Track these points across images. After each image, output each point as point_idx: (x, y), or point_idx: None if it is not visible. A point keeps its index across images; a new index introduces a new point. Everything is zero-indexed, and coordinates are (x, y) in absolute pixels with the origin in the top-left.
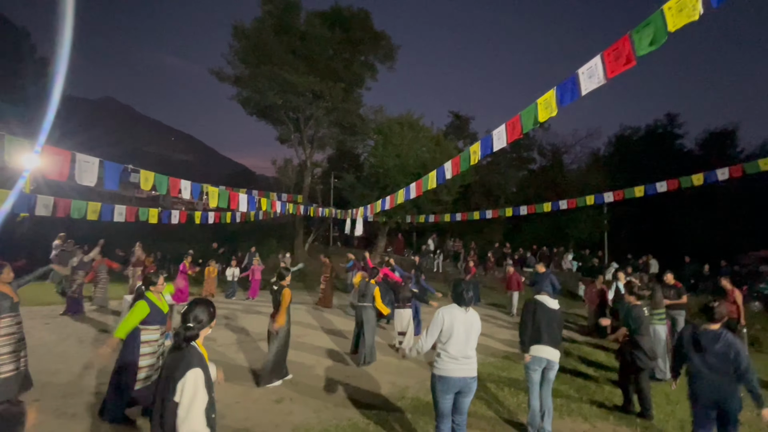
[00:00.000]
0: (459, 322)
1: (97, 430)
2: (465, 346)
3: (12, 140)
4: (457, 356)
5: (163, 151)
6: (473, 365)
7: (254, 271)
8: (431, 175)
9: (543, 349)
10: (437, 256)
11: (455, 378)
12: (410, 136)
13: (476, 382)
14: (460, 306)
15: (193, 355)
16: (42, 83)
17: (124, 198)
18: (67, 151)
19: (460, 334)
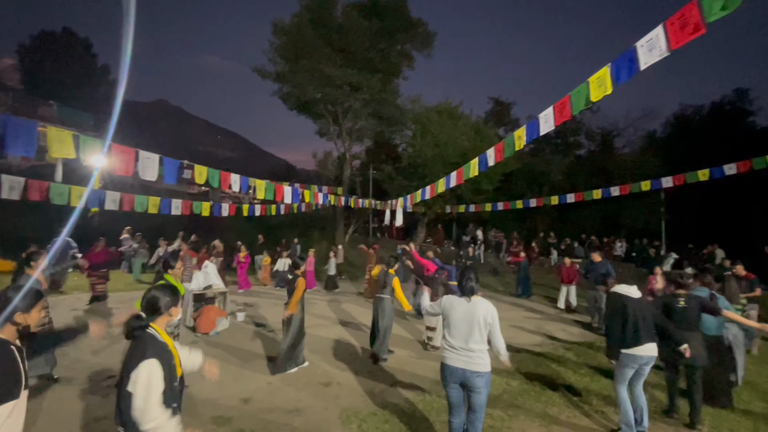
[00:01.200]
0: (457, 312)
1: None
2: (465, 337)
3: (86, 140)
4: (456, 347)
5: (210, 148)
6: (476, 360)
7: (309, 263)
8: (473, 163)
9: (644, 347)
10: (478, 247)
11: (453, 367)
12: (449, 125)
13: (482, 379)
14: (462, 295)
15: (148, 345)
16: (104, 89)
17: (177, 193)
18: (132, 148)
19: (457, 324)
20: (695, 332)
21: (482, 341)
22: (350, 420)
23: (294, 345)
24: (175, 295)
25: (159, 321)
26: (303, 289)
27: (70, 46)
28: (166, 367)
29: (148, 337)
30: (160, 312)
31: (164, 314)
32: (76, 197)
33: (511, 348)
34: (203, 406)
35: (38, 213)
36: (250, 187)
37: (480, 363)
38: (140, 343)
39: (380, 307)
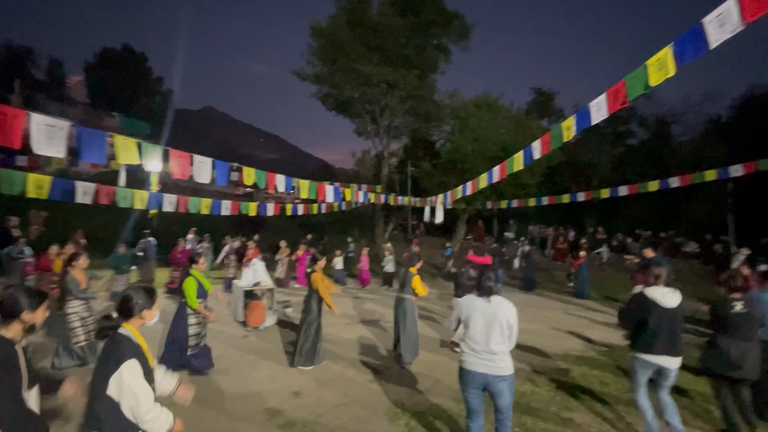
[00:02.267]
0: (477, 313)
1: None
2: (486, 339)
3: (147, 147)
4: (477, 349)
5: (253, 151)
6: (500, 363)
7: (362, 260)
8: (517, 157)
9: (659, 357)
10: (522, 243)
11: (475, 372)
12: (488, 118)
13: (506, 383)
14: (480, 296)
15: (126, 348)
16: (158, 99)
17: (224, 194)
18: (187, 153)
19: (478, 325)
20: (752, 342)
21: (504, 342)
22: (398, 417)
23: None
24: (150, 297)
25: (132, 322)
26: (323, 283)
27: (128, 60)
28: (144, 367)
29: (122, 339)
30: (132, 314)
31: (136, 316)
32: (138, 200)
33: (553, 354)
34: (255, 398)
35: (106, 215)
36: (294, 187)
37: (503, 366)
38: (116, 345)
39: (401, 307)
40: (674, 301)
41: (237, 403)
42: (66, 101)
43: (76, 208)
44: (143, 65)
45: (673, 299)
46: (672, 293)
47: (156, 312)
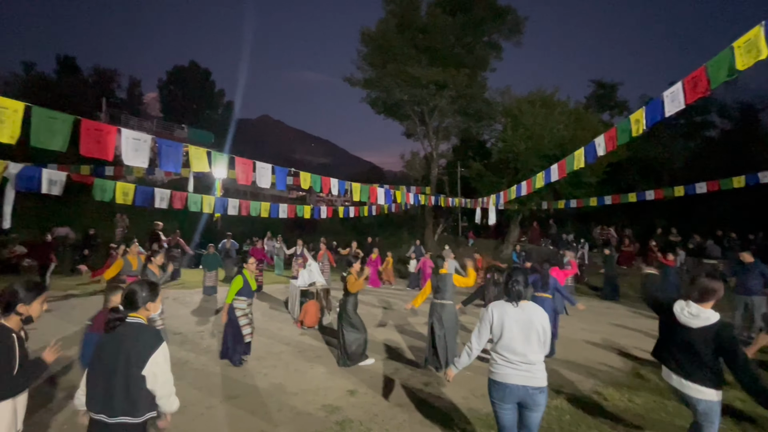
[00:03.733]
0: (511, 320)
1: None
2: (523, 348)
3: (216, 155)
4: (512, 359)
5: (305, 156)
6: (537, 373)
7: (425, 263)
8: (578, 154)
9: (669, 374)
10: (581, 246)
11: (512, 385)
12: (543, 114)
13: (544, 395)
14: (510, 301)
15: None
16: (221, 111)
17: (280, 198)
18: (250, 160)
19: (513, 333)
20: None
21: (541, 351)
22: (453, 422)
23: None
24: (153, 291)
25: (139, 313)
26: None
27: (195, 76)
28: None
29: (142, 326)
30: (137, 306)
31: (141, 308)
32: (206, 205)
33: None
34: (313, 394)
35: (176, 219)
36: (347, 190)
37: (541, 377)
38: (138, 332)
39: (438, 313)
40: (699, 319)
41: (297, 398)
42: (142, 116)
43: (151, 212)
44: (208, 80)
45: (699, 317)
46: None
47: (159, 305)
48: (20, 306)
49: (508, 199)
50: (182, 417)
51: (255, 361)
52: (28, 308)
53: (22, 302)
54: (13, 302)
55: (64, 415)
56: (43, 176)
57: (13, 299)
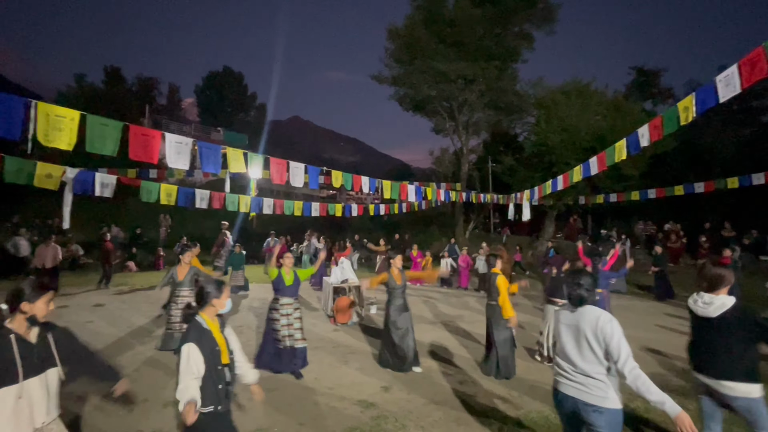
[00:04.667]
0: (563, 325)
1: None
2: (575, 356)
3: (252, 156)
4: (564, 367)
5: (335, 155)
6: (592, 389)
7: (463, 261)
8: (619, 146)
9: (701, 375)
10: (622, 242)
11: (564, 395)
12: (579, 105)
13: (602, 416)
14: (571, 305)
15: (191, 331)
16: (254, 113)
17: (310, 197)
18: (284, 160)
19: (563, 339)
20: None
21: (599, 364)
22: (489, 421)
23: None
24: (219, 288)
25: (207, 310)
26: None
27: (229, 80)
28: (207, 351)
29: (193, 324)
30: (206, 302)
31: (209, 304)
32: (243, 204)
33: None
34: (348, 389)
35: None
36: (378, 188)
37: (597, 394)
38: (188, 329)
39: (493, 316)
40: (713, 308)
41: (332, 393)
42: (181, 121)
43: (189, 212)
44: (241, 84)
45: (711, 305)
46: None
47: (225, 301)
48: (24, 304)
49: (543, 194)
50: None
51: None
52: (32, 306)
53: (27, 301)
54: (17, 301)
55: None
56: (96, 180)
57: (17, 298)
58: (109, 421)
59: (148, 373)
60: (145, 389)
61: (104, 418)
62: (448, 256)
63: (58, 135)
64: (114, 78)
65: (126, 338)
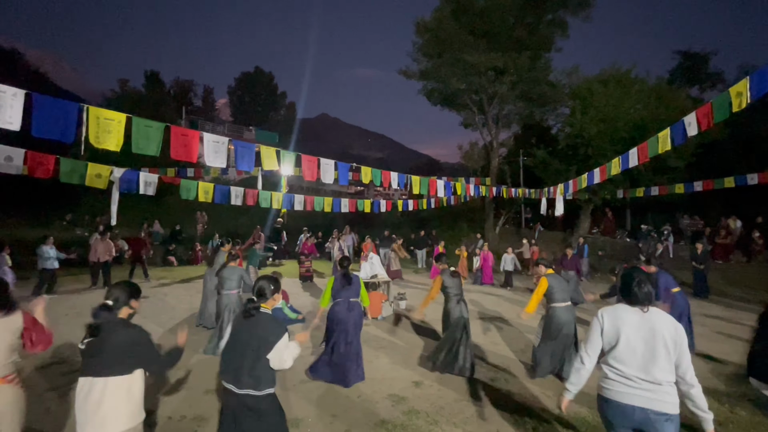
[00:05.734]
0: (630, 328)
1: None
2: (646, 363)
3: (284, 154)
4: (628, 374)
5: (362, 151)
6: (664, 396)
7: (486, 258)
8: (662, 136)
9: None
10: (665, 238)
11: (627, 405)
12: (617, 94)
13: (672, 425)
14: (632, 305)
15: (278, 323)
16: (283, 112)
17: (339, 193)
18: (315, 157)
19: (632, 344)
20: None
21: (671, 370)
22: (524, 420)
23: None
24: (277, 284)
25: (268, 303)
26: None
27: (260, 80)
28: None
29: (269, 316)
30: (266, 297)
31: (269, 299)
32: (275, 201)
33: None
34: (379, 383)
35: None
36: (407, 184)
37: (670, 401)
38: (267, 321)
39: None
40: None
41: (364, 386)
42: (216, 121)
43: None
44: (271, 83)
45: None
46: None
47: (280, 296)
48: (133, 302)
49: (578, 188)
50: None
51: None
52: (136, 303)
53: (134, 298)
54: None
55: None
56: (141, 179)
57: (126, 296)
58: (154, 406)
59: (189, 360)
60: (188, 377)
61: (147, 402)
62: (479, 253)
63: (107, 137)
64: (153, 82)
65: (169, 327)
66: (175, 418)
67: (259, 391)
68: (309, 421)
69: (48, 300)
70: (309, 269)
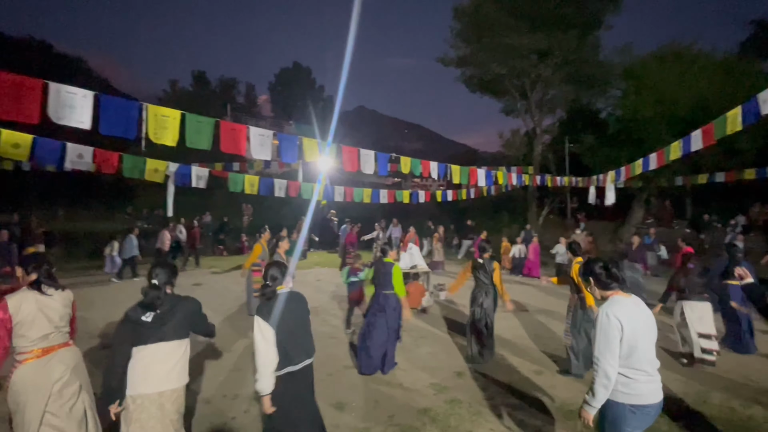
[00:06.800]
0: (641, 323)
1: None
2: (653, 355)
3: (326, 146)
4: (651, 372)
5: (399, 142)
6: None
7: (534, 249)
8: (732, 115)
9: None
10: (732, 228)
11: (657, 404)
12: (677, 72)
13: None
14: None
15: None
16: (321, 105)
17: (377, 184)
18: (355, 148)
19: (648, 339)
20: None
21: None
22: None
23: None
24: (285, 268)
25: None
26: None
27: (299, 75)
28: None
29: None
30: (280, 280)
31: (284, 282)
32: (316, 192)
33: None
34: (420, 372)
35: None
36: (446, 173)
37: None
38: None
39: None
40: None
41: (406, 374)
42: (257, 117)
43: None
44: (309, 78)
45: None
46: None
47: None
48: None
49: (631, 175)
50: None
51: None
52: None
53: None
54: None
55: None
56: (193, 173)
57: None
58: (209, 385)
59: (244, 343)
60: (241, 359)
61: (206, 382)
62: (521, 242)
63: (164, 132)
64: (200, 81)
65: (222, 312)
66: (229, 396)
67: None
68: (353, 405)
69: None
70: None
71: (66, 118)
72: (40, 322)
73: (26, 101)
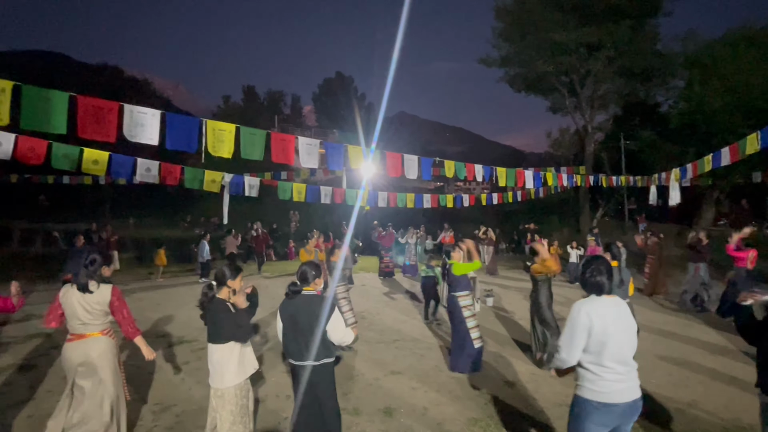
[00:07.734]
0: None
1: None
2: (630, 353)
3: (370, 152)
4: (621, 371)
5: (441, 146)
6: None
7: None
8: None
9: None
10: None
11: (623, 404)
12: (751, 57)
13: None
14: (599, 295)
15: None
16: (363, 113)
17: (419, 189)
18: (398, 153)
19: (621, 338)
20: None
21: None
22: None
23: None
24: (319, 270)
25: (310, 287)
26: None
27: (341, 85)
28: None
29: (318, 297)
30: (309, 282)
31: (312, 283)
32: (359, 198)
33: None
34: (471, 379)
35: (335, 212)
36: (492, 176)
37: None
38: (317, 301)
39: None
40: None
41: (454, 381)
42: (303, 127)
43: (313, 208)
44: (351, 86)
45: None
46: None
47: (322, 281)
48: (229, 281)
49: (699, 172)
50: (354, 385)
51: (411, 342)
52: (233, 282)
53: (230, 278)
54: (224, 279)
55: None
56: (245, 182)
57: (224, 277)
58: (262, 385)
59: None
60: None
61: (257, 382)
62: (576, 247)
63: (221, 145)
64: (250, 95)
65: (269, 312)
66: (282, 396)
67: (331, 358)
68: (402, 411)
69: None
70: (389, 265)
71: (138, 136)
72: (77, 312)
73: (105, 122)
